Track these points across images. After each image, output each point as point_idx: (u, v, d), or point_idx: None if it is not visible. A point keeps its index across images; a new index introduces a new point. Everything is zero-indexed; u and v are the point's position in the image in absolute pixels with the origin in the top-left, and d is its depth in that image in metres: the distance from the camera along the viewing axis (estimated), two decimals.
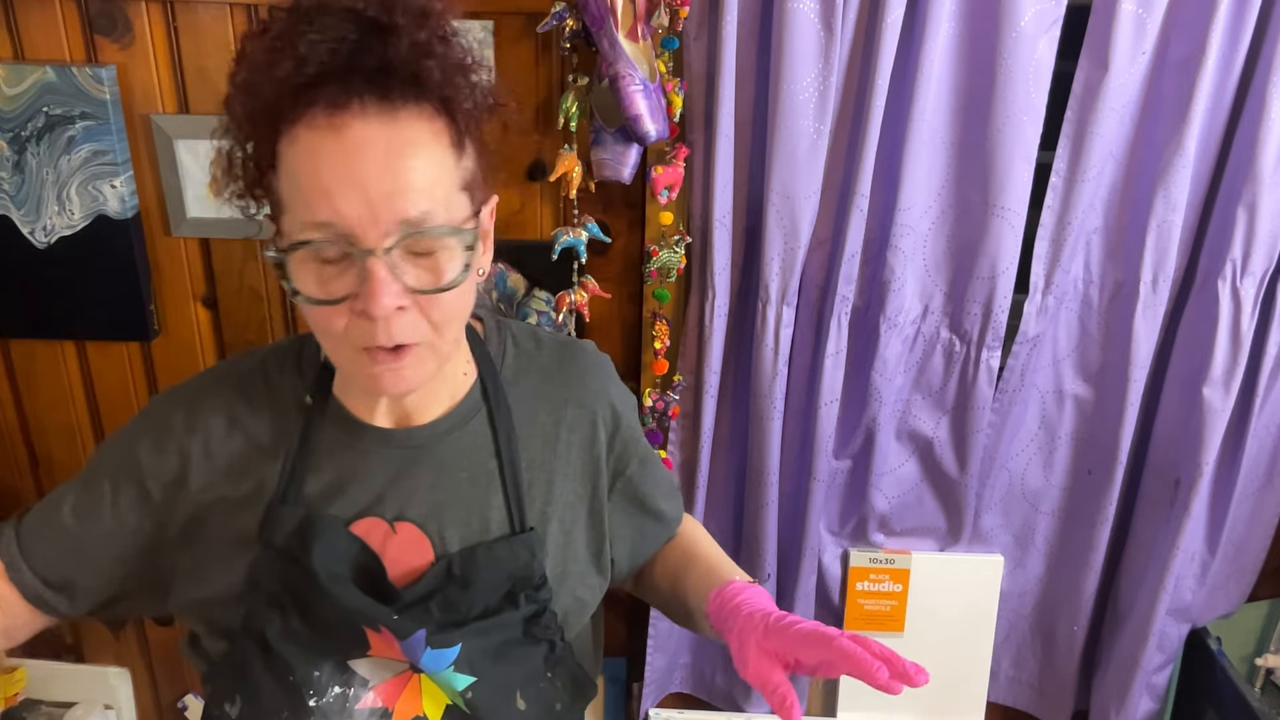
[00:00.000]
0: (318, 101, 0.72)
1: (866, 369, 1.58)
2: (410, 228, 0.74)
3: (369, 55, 0.72)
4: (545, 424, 0.94)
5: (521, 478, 0.92)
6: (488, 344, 0.96)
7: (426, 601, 0.86)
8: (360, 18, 0.73)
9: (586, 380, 0.98)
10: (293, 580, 0.86)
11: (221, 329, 1.65)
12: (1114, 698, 1.75)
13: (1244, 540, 1.71)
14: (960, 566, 1.74)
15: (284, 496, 0.88)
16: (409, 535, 0.89)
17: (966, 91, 1.43)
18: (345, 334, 0.78)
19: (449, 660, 0.86)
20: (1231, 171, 1.47)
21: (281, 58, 0.72)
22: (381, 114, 0.73)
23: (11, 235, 1.56)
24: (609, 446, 0.98)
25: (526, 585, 0.90)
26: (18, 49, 1.49)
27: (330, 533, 0.86)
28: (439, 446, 0.91)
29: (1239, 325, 1.51)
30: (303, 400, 0.90)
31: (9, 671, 1.88)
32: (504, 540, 0.90)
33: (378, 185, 0.72)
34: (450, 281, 0.77)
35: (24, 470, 1.77)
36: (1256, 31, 1.38)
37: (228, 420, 0.90)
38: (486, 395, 0.93)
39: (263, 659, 0.87)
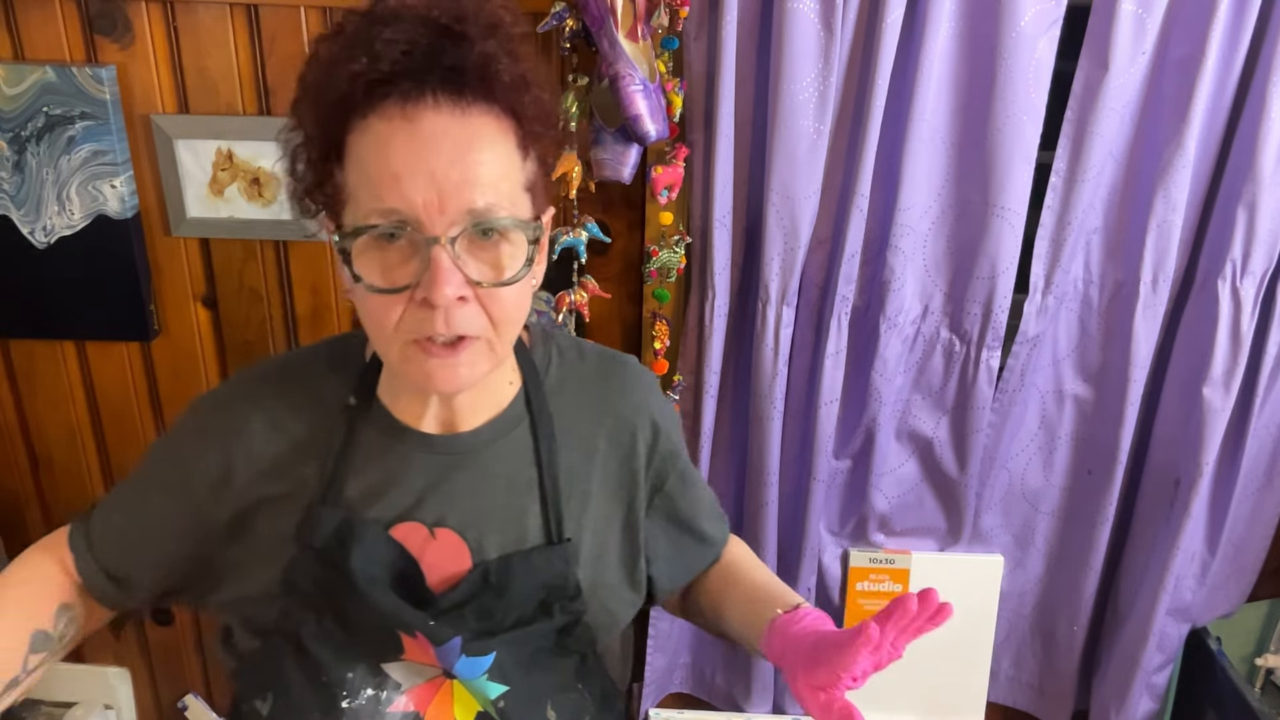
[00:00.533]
0: (391, 95, 0.74)
1: (866, 369, 1.58)
2: (476, 218, 0.75)
3: (442, 58, 0.74)
4: (585, 435, 0.95)
5: (560, 488, 0.92)
6: (533, 353, 0.96)
7: (462, 608, 0.87)
8: (433, 24, 0.75)
9: (628, 393, 0.97)
10: (329, 582, 0.86)
11: (221, 329, 1.65)
12: (1114, 698, 1.75)
13: (1244, 540, 1.71)
14: (960, 566, 1.74)
15: (324, 498, 0.88)
16: (448, 541, 0.89)
17: (966, 91, 1.43)
18: (401, 326, 0.77)
19: (483, 668, 0.86)
20: (1231, 171, 1.47)
21: (355, 55, 0.74)
22: (453, 108, 0.75)
23: (11, 235, 1.56)
24: (648, 461, 0.97)
25: (561, 596, 0.90)
26: (18, 49, 1.49)
27: (370, 536, 0.86)
28: (481, 454, 0.91)
29: (1239, 325, 1.51)
30: (345, 401, 0.90)
31: None
32: (540, 550, 0.90)
33: (447, 174, 0.74)
34: (512, 276, 0.78)
35: (24, 470, 1.77)
36: (1256, 31, 1.38)
37: (269, 421, 0.90)
38: (530, 405, 0.93)
39: (296, 658, 0.87)
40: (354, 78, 0.74)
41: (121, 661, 1.93)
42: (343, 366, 0.93)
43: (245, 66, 1.49)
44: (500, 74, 0.76)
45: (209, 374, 1.68)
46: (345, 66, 0.74)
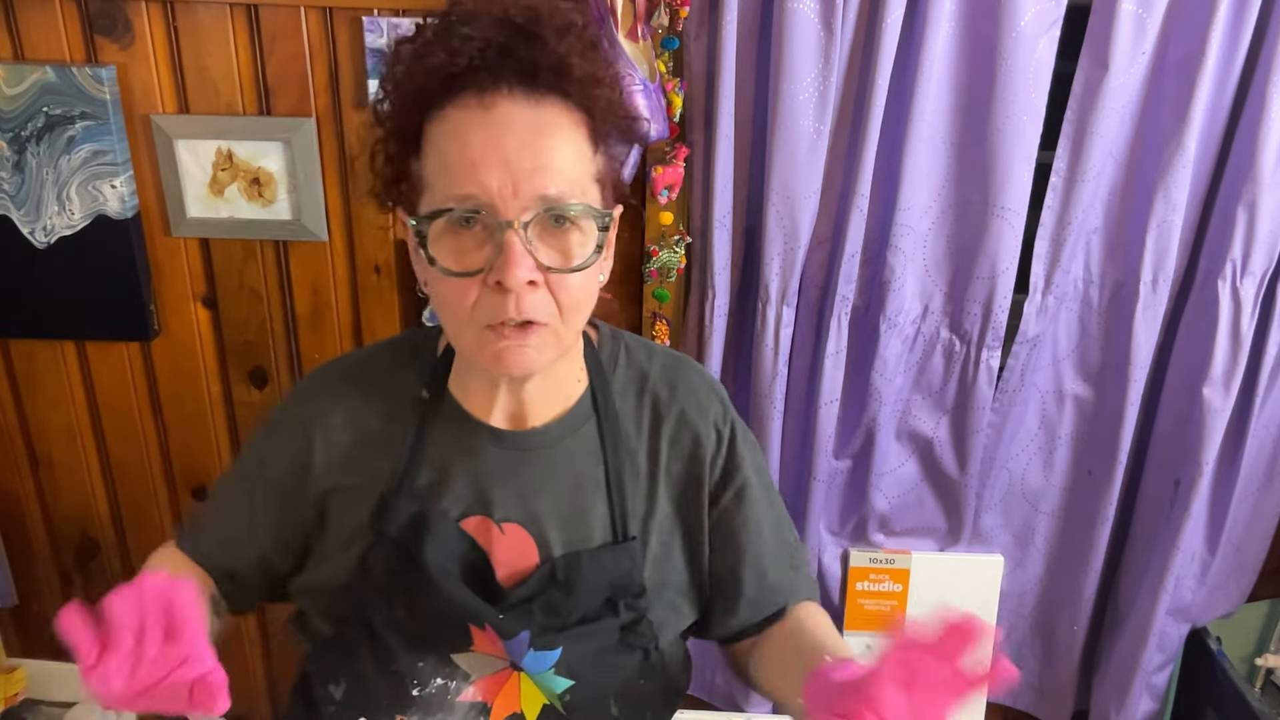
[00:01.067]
0: (468, 87, 0.77)
1: (866, 369, 1.58)
2: (548, 204, 0.77)
3: (517, 53, 0.77)
4: (651, 436, 0.95)
5: (626, 487, 0.93)
6: (600, 352, 0.97)
7: (530, 603, 0.88)
8: (509, 24, 0.78)
9: (695, 395, 0.97)
10: (403, 571, 0.88)
11: (221, 329, 1.65)
12: (1114, 698, 1.75)
13: (1244, 540, 1.71)
14: (960, 566, 1.74)
15: (398, 488, 0.90)
16: (516, 536, 0.90)
17: (966, 91, 1.43)
18: (474, 310, 0.79)
19: (550, 662, 0.88)
20: (1231, 171, 1.47)
21: (434, 51, 0.78)
22: (527, 98, 0.78)
23: (11, 235, 1.56)
24: (712, 464, 0.96)
25: (626, 593, 0.91)
26: (18, 49, 1.49)
27: (442, 528, 0.88)
28: (549, 451, 0.92)
29: (1239, 325, 1.51)
30: (418, 395, 0.93)
31: (9, 671, 1.88)
32: (607, 548, 0.91)
33: (520, 160, 0.76)
34: (581, 263, 0.80)
35: (24, 470, 1.77)
36: (1256, 31, 1.38)
37: (345, 413, 0.94)
38: (596, 403, 0.94)
39: (369, 645, 0.89)
40: (432, 72, 0.78)
41: None
42: (415, 361, 0.95)
43: (245, 66, 1.49)
44: (572, 70, 0.79)
45: (209, 374, 1.68)
46: (424, 62, 0.78)
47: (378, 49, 1.45)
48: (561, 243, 0.79)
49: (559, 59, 0.78)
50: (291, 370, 1.67)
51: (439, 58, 0.77)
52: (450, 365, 0.93)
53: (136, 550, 1.82)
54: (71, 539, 1.82)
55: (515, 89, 0.77)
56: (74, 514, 1.80)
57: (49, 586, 1.87)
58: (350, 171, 1.54)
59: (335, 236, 1.58)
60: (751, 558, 0.97)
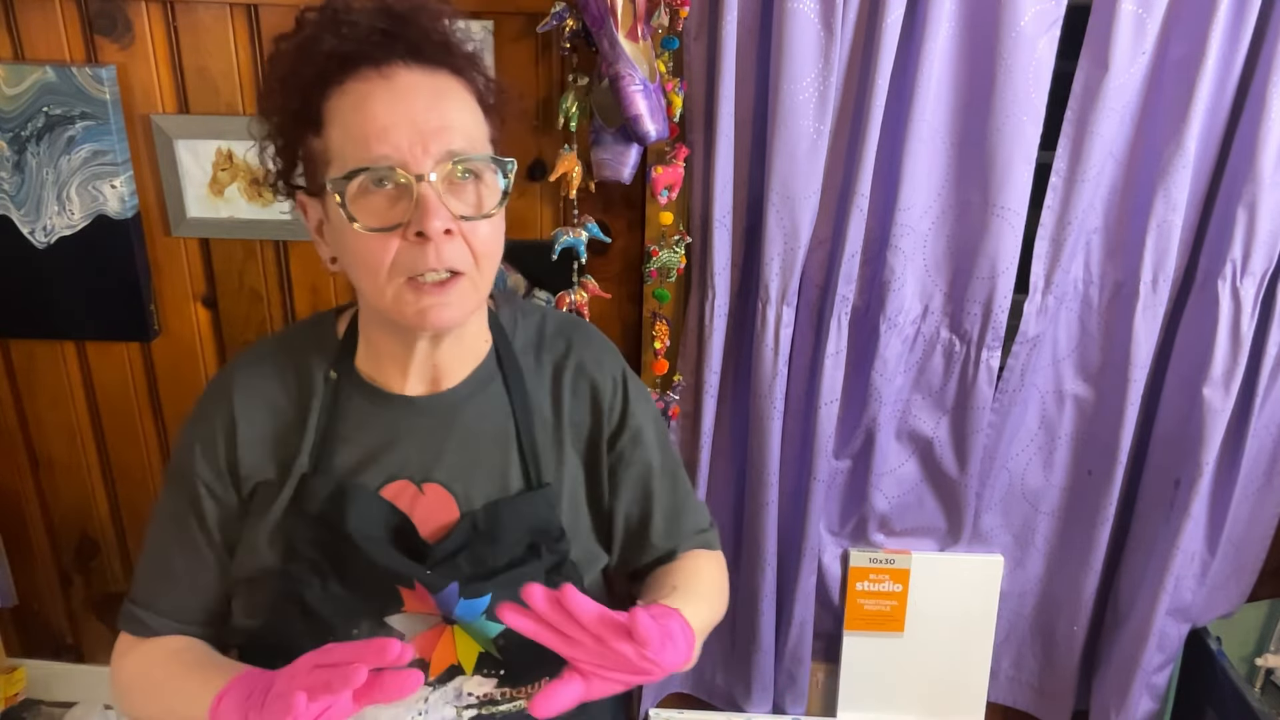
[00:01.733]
0: (365, 62, 0.83)
1: (866, 369, 1.58)
2: (455, 156, 0.83)
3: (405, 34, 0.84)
4: (551, 386, 1.01)
5: (536, 437, 0.98)
6: (500, 314, 1.02)
7: (455, 557, 0.92)
8: (389, 12, 0.84)
9: (590, 349, 1.03)
10: (328, 545, 0.92)
11: (221, 329, 1.65)
12: (1114, 698, 1.75)
13: (1244, 540, 1.71)
14: (960, 566, 1.74)
15: (316, 468, 0.94)
16: (436, 495, 0.95)
17: (966, 91, 1.43)
18: (394, 265, 0.84)
19: (481, 609, 0.91)
20: (1231, 171, 1.47)
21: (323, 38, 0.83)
22: (423, 69, 0.85)
23: (11, 235, 1.56)
24: (609, 411, 1.02)
25: (546, 537, 0.96)
26: (18, 49, 1.49)
27: (362, 498, 0.92)
28: (461, 411, 0.97)
29: (1239, 325, 1.51)
30: (326, 375, 0.96)
31: (9, 671, 1.88)
32: (523, 495, 0.96)
33: (426, 120, 0.82)
34: (491, 209, 0.86)
35: (24, 470, 1.77)
36: (1256, 31, 1.38)
37: (259, 404, 0.96)
38: (501, 362, 0.99)
39: (304, 622, 0.92)
40: (328, 55, 0.83)
41: None
42: (318, 345, 0.98)
43: (245, 66, 1.49)
44: (455, 47, 0.87)
45: (209, 374, 1.68)
46: (315, 48, 0.83)
47: None
48: (470, 193, 0.85)
49: (443, 36, 0.86)
50: None
51: (329, 42, 0.83)
52: (353, 344, 0.97)
53: (136, 550, 1.82)
54: (71, 539, 1.82)
55: (410, 61, 0.84)
56: (74, 514, 1.80)
57: (49, 586, 1.87)
58: None
59: None
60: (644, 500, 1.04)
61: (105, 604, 1.87)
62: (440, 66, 0.85)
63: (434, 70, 0.85)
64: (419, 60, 0.84)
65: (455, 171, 0.84)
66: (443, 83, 0.85)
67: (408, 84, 0.83)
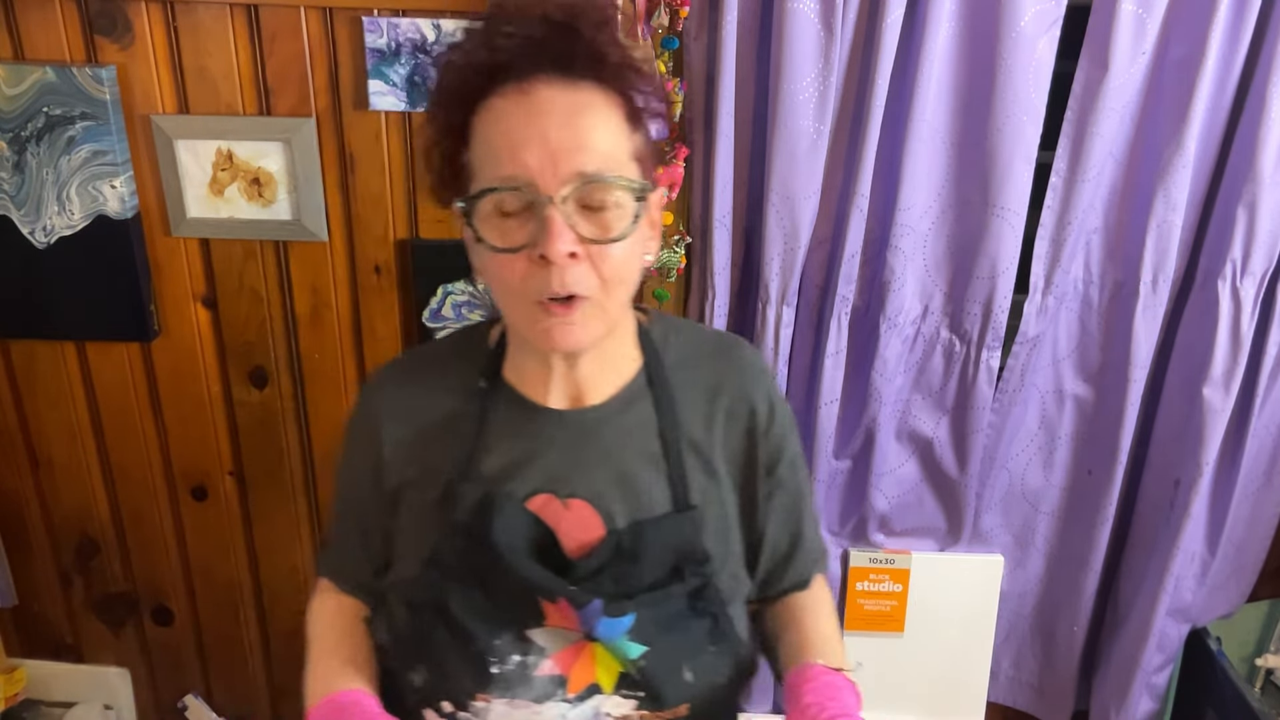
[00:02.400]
0: (509, 77, 0.83)
1: (866, 369, 1.58)
2: (586, 179, 0.81)
3: (555, 46, 0.83)
4: (704, 407, 0.99)
5: (684, 458, 0.96)
6: (651, 331, 1.01)
7: (599, 574, 0.91)
8: (547, 20, 0.83)
9: (745, 370, 1.01)
10: (473, 554, 0.92)
11: (221, 329, 1.65)
12: (1114, 698, 1.75)
13: (1244, 540, 1.71)
14: (960, 566, 1.74)
15: (463, 475, 0.94)
16: (581, 511, 0.94)
17: (966, 91, 1.43)
18: (522, 286, 0.84)
19: (623, 629, 0.90)
20: (1231, 171, 1.47)
21: (478, 50, 0.84)
22: (564, 83, 0.83)
23: (11, 235, 1.56)
24: (765, 436, 0.99)
25: (690, 560, 0.94)
26: (18, 49, 1.49)
27: (508, 508, 0.92)
28: (608, 427, 0.96)
29: (1239, 325, 1.51)
30: (476, 384, 0.97)
31: (9, 671, 1.88)
32: (669, 517, 0.94)
33: (558, 139, 0.81)
34: (619, 234, 0.83)
35: (24, 470, 1.77)
36: (1256, 31, 1.38)
37: (409, 411, 0.98)
38: (651, 380, 0.98)
39: (447, 630, 0.92)
40: (477, 69, 0.83)
41: (121, 661, 1.93)
42: (469, 353, 1.00)
43: (245, 66, 1.49)
44: (608, 57, 0.84)
45: (209, 374, 1.68)
46: (468, 60, 0.84)
47: (378, 49, 1.45)
48: (600, 215, 0.83)
49: (595, 46, 0.83)
50: (291, 370, 1.67)
51: (481, 55, 0.83)
52: (503, 354, 0.98)
53: (136, 550, 1.82)
54: (71, 539, 1.82)
55: (552, 75, 0.82)
56: (74, 514, 1.80)
57: (49, 586, 1.87)
58: (350, 171, 1.54)
59: (335, 236, 1.58)
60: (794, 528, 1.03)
61: (105, 604, 1.87)
62: (586, 79, 0.83)
63: (577, 84, 0.83)
64: (564, 73, 0.83)
65: (586, 192, 0.82)
66: (584, 98, 0.83)
67: (545, 100, 0.82)
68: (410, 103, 1.48)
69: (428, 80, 1.46)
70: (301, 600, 1.89)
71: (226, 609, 1.86)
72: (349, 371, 1.67)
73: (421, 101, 1.48)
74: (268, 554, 1.81)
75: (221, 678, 1.93)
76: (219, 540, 1.80)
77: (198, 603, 1.86)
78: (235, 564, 1.82)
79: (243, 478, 1.75)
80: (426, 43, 1.45)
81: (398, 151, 1.52)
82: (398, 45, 1.45)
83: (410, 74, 1.46)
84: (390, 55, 1.45)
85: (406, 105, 1.48)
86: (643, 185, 0.85)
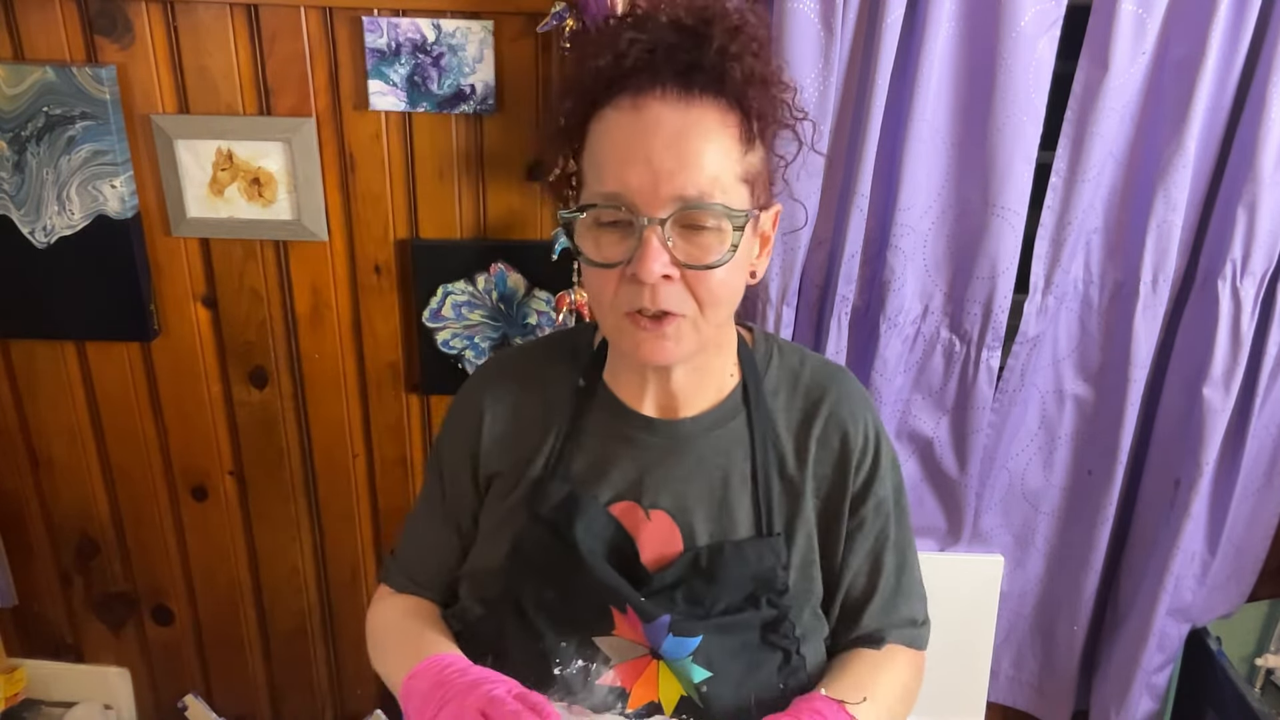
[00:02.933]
0: (626, 89, 0.81)
1: (866, 369, 1.57)
2: (686, 203, 0.80)
3: (681, 55, 0.81)
4: (799, 435, 0.96)
5: (773, 483, 0.94)
6: (755, 351, 0.99)
7: (673, 590, 0.90)
8: (679, 26, 0.81)
9: (848, 401, 0.98)
10: (553, 551, 0.92)
11: (221, 329, 1.65)
12: (1114, 698, 1.75)
13: (1244, 540, 1.71)
14: (960, 566, 1.74)
15: (553, 472, 0.94)
16: (661, 523, 0.93)
17: (966, 91, 1.43)
18: (615, 299, 0.84)
19: (689, 649, 0.89)
20: (1231, 171, 1.47)
21: (602, 53, 0.82)
22: (679, 100, 0.81)
23: (11, 235, 1.56)
24: (857, 470, 0.96)
25: (769, 589, 0.92)
26: (18, 49, 1.49)
27: (591, 510, 0.92)
28: (699, 441, 0.94)
29: (1239, 325, 1.51)
30: (575, 384, 0.97)
31: (9, 671, 1.88)
32: (751, 541, 0.92)
33: (663, 160, 0.79)
34: (717, 260, 0.82)
35: (24, 470, 1.77)
36: (1256, 31, 1.38)
37: (508, 404, 0.99)
38: (748, 399, 0.96)
39: (518, 623, 0.93)
40: (597, 74, 0.82)
41: (121, 661, 1.93)
42: (573, 353, 1.00)
43: (245, 66, 1.49)
44: (732, 71, 0.81)
45: (209, 374, 1.68)
46: (591, 63, 0.82)
47: (378, 49, 1.45)
48: (699, 239, 0.82)
49: (720, 60, 0.81)
50: (291, 370, 1.67)
51: (605, 59, 0.81)
52: (605, 357, 0.98)
53: (136, 550, 1.82)
54: (71, 539, 1.82)
55: (669, 90, 0.80)
56: (74, 514, 1.80)
57: (49, 586, 1.87)
58: (350, 171, 1.54)
59: (335, 236, 1.58)
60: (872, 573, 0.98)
61: (105, 604, 1.87)
62: (706, 94, 0.81)
63: (694, 101, 0.81)
64: (683, 88, 0.81)
65: (685, 217, 0.81)
66: (697, 116, 0.81)
67: (655, 117, 0.80)
68: (410, 103, 1.48)
69: (426, 81, 1.46)
70: (301, 600, 1.90)
71: (226, 609, 1.86)
72: (349, 371, 1.67)
73: (421, 101, 1.48)
74: (268, 554, 1.82)
75: (221, 678, 1.93)
76: (219, 540, 1.80)
77: (198, 603, 1.86)
78: (235, 564, 1.82)
79: (243, 478, 1.76)
80: (426, 43, 1.45)
81: (398, 151, 1.53)
82: (398, 45, 1.45)
83: (410, 74, 1.46)
84: (390, 55, 1.45)
85: (406, 105, 1.48)
86: (745, 213, 0.83)
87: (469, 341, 1.62)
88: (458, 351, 1.62)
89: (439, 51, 1.45)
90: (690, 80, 0.81)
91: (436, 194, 1.55)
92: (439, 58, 1.46)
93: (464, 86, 1.47)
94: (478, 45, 1.45)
